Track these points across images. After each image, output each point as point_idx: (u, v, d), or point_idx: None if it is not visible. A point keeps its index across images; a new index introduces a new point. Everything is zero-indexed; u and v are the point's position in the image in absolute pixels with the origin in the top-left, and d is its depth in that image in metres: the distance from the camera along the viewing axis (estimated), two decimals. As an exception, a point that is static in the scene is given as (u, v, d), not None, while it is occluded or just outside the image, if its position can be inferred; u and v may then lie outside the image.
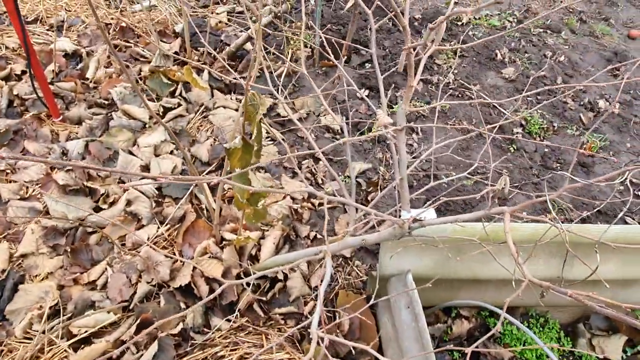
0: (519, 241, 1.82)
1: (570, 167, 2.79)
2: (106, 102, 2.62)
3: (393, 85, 3.08)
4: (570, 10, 4.61)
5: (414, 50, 1.12)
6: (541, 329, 2.28)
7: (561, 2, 4.68)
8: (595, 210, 2.62)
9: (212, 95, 2.77)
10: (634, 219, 2.64)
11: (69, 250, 1.95)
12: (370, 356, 1.89)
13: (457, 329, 2.12)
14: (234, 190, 1.44)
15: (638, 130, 3.22)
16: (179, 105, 2.66)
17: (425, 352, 1.66)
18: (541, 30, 4.15)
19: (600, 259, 2.00)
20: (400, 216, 1.35)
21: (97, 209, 2.16)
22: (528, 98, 3.24)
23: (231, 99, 2.78)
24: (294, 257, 1.68)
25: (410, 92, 1.15)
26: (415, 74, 1.16)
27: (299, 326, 1.33)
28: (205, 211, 2.23)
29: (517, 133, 2.96)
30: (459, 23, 3.98)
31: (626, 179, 2.48)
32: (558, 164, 2.85)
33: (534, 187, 2.63)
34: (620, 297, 2.22)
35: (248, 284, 1.92)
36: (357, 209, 1.58)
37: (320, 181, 2.46)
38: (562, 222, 2.51)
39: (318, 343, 1.09)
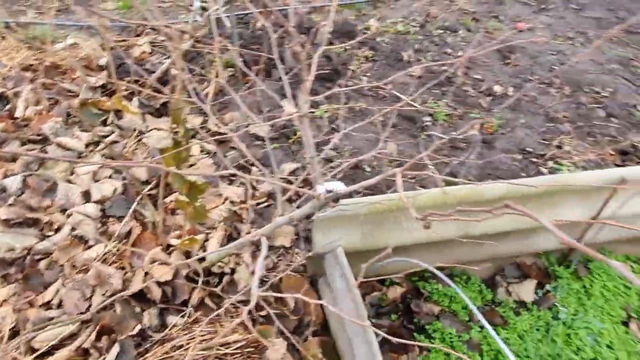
0: (424, 206, 2.12)
1: (474, 146, 3.19)
2: (39, 138, 2.71)
3: (312, 91, 3.37)
4: (465, 11, 5.17)
5: (303, 47, 1.38)
6: (465, 284, 2.60)
7: (456, 5, 5.24)
8: (498, 178, 3.02)
9: (144, 120, 2.93)
10: (531, 182, 3.06)
11: (20, 277, 2.04)
12: (315, 328, 2.11)
13: (392, 295, 2.39)
14: (173, 185, 1.63)
15: (529, 108, 3.70)
16: (113, 132, 2.80)
17: (363, 325, 1.89)
18: (441, 31, 4.64)
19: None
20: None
21: (44, 238, 2.25)
22: (434, 90, 3.64)
23: (162, 121, 2.95)
24: (234, 244, 1.88)
25: (306, 84, 1.41)
26: (309, 69, 1.42)
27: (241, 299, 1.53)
28: (150, 225, 2.38)
29: (427, 122, 3.33)
30: (368, 32, 4.38)
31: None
32: (464, 144, 3.24)
33: (445, 166, 2.99)
34: (524, 245, 2.59)
35: (198, 281, 2.09)
36: (284, 190, 1.81)
37: (254, 185, 2.68)
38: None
39: (258, 302, 1.32)
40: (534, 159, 3.22)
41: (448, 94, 3.69)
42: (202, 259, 2.21)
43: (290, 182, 2.71)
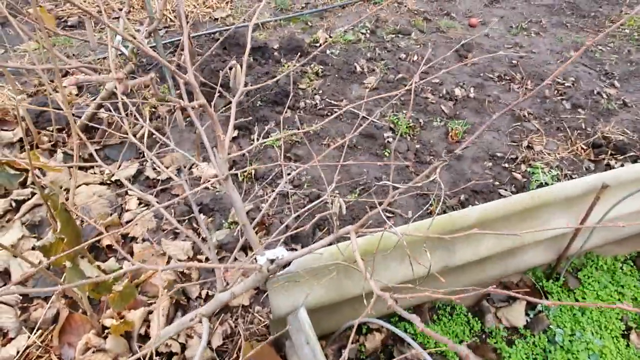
0: (397, 245, 1.86)
1: (441, 156, 2.96)
2: (-54, 212, 2.33)
3: (261, 118, 3.08)
4: (415, 12, 4.99)
5: (211, 103, 1.09)
6: (450, 317, 2.35)
7: (405, 6, 5.05)
8: (471, 191, 2.79)
9: (71, 175, 2.58)
10: (506, 189, 2.84)
11: None
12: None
13: (370, 344, 2.12)
14: (70, 281, 1.31)
15: (493, 108, 3.51)
16: (33, 194, 2.44)
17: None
18: (393, 35, 4.43)
19: (478, 239, 2.11)
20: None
21: (-49, 337, 1.88)
22: (392, 102, 3.40)
23: (93, 173, 2.61)
24: (174, 328, 1.57)
25: (221, 141, 1.12)
26: (228, 123, 1.14)
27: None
28: (82, 302, 2.03)
29: (388, 137, 3.08)
30: (317, 45, 4.12)
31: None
32: (431, 157, 3.01)
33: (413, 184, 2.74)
34: (509, 265, 2.36)
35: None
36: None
37: (205, 234, 2.36)
38: (444, 211, 2.63)
39: None
40: (506, 165, 3.01)
41: (407, 103, 3.46)
42: (146, 339, 1.88)
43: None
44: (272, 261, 1.24)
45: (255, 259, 1.24)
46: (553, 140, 3.24)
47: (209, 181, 1.13)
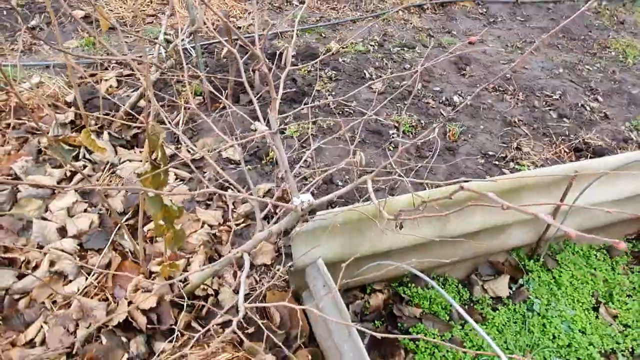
0: (397, 209, 2.22)
1: (437, 153, 3.34)
2: (9, 178, 2.69)
3: (281, 112, 3.47)
4: (420, 29, 5.43)
5: (271, 71, 1.47)
6: (442, 286, 2.70)
7: (411, 23, 5.50)
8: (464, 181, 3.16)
9: (116, 152, 2.95)
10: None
11: (-1, 318, 2.01)
12: (302, 341, 2.15)
13: (374, 302, 2.46)
14: (149, 210, 1.66)
15: (487, 114, 3.91)
16: (85, 167, 2.81)
17: (345, 323, 1.95)
18: (399, 48, 4.86)
19: (467, 213, 2.48)
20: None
21: (21, 276, 2.22)
22: (397, 104, 3.80)
23: (135, 152, 2.98)
24: (217, 264, 1.91)
25: (274, 103, 1.50)
26: (277, 89, 1.51)
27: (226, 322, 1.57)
28: (130, 254, 2.38)
29: (393, 134, 3.47)
30: (330, 53, 4.54)
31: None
32: (430, 152, 3.39)
33: (414, 174, 3.12)
34: (496, 242, 2.72)
35: (183, 305, 2.11)
36: (260, 209, 1.87)
37: (232, 206, 2.73)
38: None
39: (245, 318, 1.37)
40: (496, 162, 3.39)
41: (410, 107, 3.86)
42: (185, 282, 2.23)
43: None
44: (303, 202, 1.60)
45: (291, 201, 1.60)
46: (539, 143, 3.63)
47: (262, 133, 1.49)
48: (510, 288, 2.75)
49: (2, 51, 3.77)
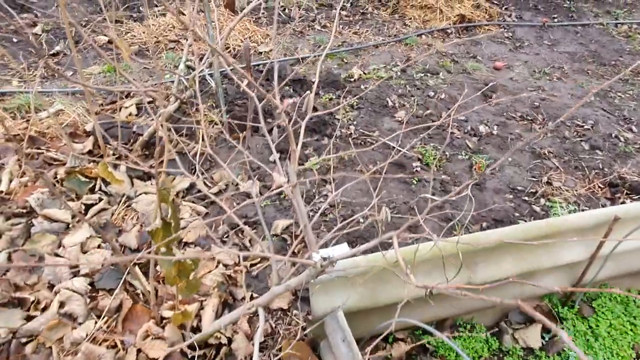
0: (424, 259, 2.09)
1: (464, 186, 3.19)
2: (24, 211, 2.65)
3: (301, 144, 3.38)
4: (444, 54, 5.32)
5: (290, 121, 1.38)
6: (470, 334, 2.53)
7: (434, 48, 5.39)
8: (493, 220, 3.01)
9: (132, 184, 2.89)
10: (526, 221, 3.05)
11: (5, 365, 1.93)
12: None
13: (397, 353, 2.31)
14: (161, 267, 1.57)
15: (515, 145, 3.75)
16: (100, 199, 2.75)
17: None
18: (422, 74, 4.75)
19: (496, 260, 2.33)
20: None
21: (30, 318, 2.15)
22: (420, 135, 3.68)
23: (151, 184, 2.92)
24: (230, 317, 1.81)
25: (294, 154, 1.40)
26: (297, 140, 1.41)
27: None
28: (141, 295, 2.30)
29: (416, 167, 3.34)
30: (352, 80, 4.46)
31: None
32: (456, 187, 3.24)
33: (438, 211, 2.97)
34: (526, 288, 2.54)
35: (194, 357, 2.00)
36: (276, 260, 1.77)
37: (248, 244, 2.63)
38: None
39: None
40: (526, 198, 3.22)
41: (435, 137, 3.73)
42: (197, 331, 2.12)
43: (284, 240, 2.66)
44: (324, 259, 1.49)
45: (310, 256, 1.49)
46: (571, 177, 3.44)
47: (280, 188, 1.39)
48: (543, 338, 2.56)
49: (23, 78, 3.80)
